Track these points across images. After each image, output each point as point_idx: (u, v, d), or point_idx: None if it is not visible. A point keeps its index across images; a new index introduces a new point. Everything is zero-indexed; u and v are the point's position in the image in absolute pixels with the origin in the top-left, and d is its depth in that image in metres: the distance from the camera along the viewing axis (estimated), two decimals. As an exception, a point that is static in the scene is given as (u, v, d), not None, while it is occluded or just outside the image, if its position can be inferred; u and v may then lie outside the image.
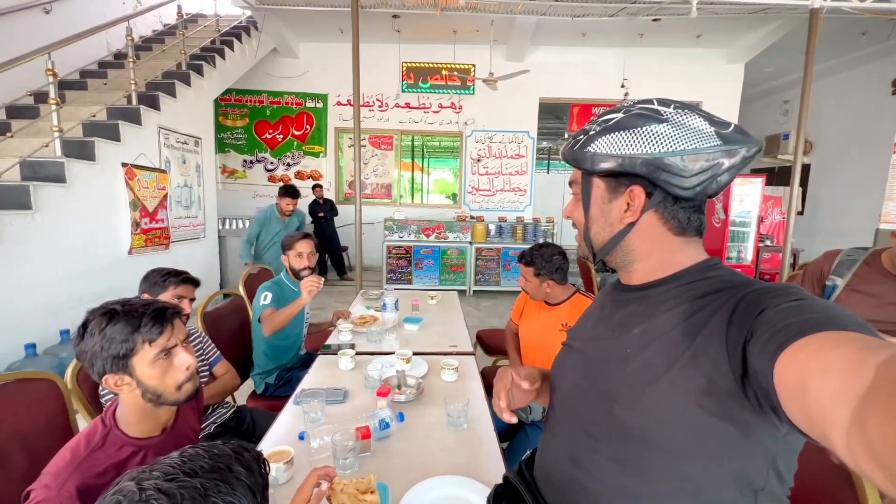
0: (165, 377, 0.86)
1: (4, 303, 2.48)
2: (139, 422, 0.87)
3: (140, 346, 0.83)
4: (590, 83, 6.73)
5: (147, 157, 3.84)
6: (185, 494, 0.46)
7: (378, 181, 7.15)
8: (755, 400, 0.45)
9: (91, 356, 0.82)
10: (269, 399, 2.00)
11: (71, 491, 0.73)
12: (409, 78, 6.75)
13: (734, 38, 6.14)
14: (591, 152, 0.59)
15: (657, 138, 0.55)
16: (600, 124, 0.59)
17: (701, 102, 6.78)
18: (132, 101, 3.81)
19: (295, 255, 2.10)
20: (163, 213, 4.03)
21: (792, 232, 4.02)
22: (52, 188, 2.89)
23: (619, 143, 0.57)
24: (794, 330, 0.40)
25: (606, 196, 0.62)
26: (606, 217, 0.63)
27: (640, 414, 0.55)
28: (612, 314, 0.66)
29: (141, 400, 0.85)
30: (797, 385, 0.38)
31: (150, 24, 5.77)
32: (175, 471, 0.48)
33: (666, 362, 0.53)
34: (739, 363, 0.46)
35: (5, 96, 3.65)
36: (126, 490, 0.46)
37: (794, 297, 0.46)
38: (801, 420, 0.39)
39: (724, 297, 0.52)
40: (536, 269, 1.74)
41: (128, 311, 0.84)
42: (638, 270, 0.64)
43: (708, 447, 0.50)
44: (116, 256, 3.46)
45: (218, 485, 0.49)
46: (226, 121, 6.84)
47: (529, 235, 5.87)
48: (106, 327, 0.82)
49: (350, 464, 1.10)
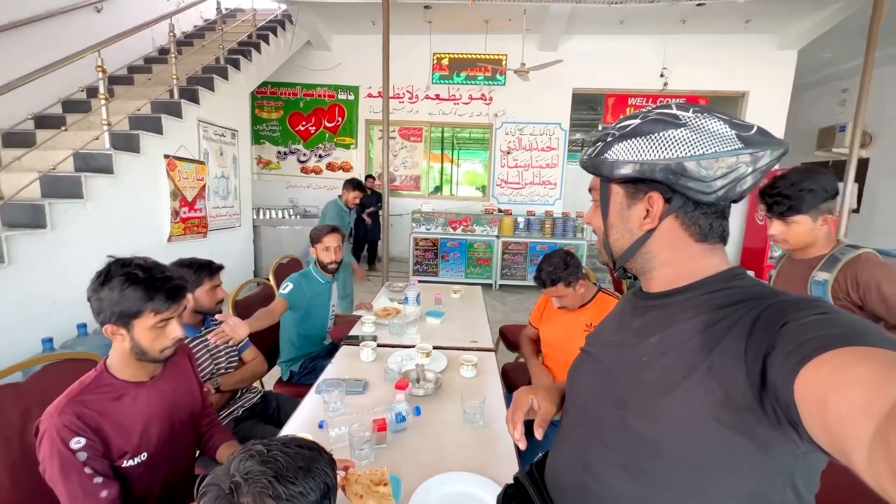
0: (155, 342, 0.99)
1: (58, 286, 2.68)
2: (125, 367, 1.02)
3: (146, 313, 0.96)
4: (627, 73, 6.47)
5: (187, 148, 4.02)
6: (299, 456, 0.59)
7: (407, 173, 7.19)
8: (773, 415, 0.44)
9: (102, 305, 0.94)
10: (294, 386, 2.07)
11: (65, 418, 0.89)
12: (439, 69, 6.72)
13: (787, 22, 5.72)
14: (608, 159, 0.58)
15: (675, 143, 0.54)
16: (618, 131, 0.59)
17: (748, 92, 6.40)
18: (174, 96, 3.99)
19: (322, 249, 2.15)
20: (201, 203, 4.22)
21: (845, 231, 3.75)
22: (101, 178, 3.08)
23: (637, 149, 0.56)
24: (817, 344, 0.39)
25: (625, 202, 0.62)
26: (625, 223, 0.62)
27: (653, 423, 0.54)
28: (631, 321, 0.65)
29: (128, 351, 0.99)
30: (818, 400, 0.37)
31: (192, 20, 5.99)
32: (289, 443, 0.61)
33: (682, 372, 0.52)
34: (758, 376, 0.44)
35: (61, 91, 3.89)
36: (255, 449, 0.58)
37: (819, 311, 0.44)
38: (821, 437, 0.38)
39: (745, 309, 0.50)
40: (565, 280, 1.69)
41: (148, 280, 0.95)
42: (658, 277, 0.62)
43: (721, 460, 0.49)
44: (157, 244, 3.66)
45: (319, 456, 0.62)
46: (261, 113, 7.04)
47: (558, 230, 5.76)
48: (126, 288, 0.93)
49: (365, 455, 1.12)
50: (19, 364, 1.19)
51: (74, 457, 0.88)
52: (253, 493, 0.53)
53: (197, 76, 4.40)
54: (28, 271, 2.55)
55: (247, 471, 0.55)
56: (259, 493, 0.53)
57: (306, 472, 0.58)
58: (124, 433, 0.98)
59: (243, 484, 0.54)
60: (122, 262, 0.97)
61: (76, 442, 0.89)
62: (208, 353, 1.58)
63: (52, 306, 2.66)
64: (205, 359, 1.56)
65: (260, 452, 0.57)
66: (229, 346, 1.69)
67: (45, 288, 2.63)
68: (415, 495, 0.99)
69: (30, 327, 2.53)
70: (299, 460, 0.58)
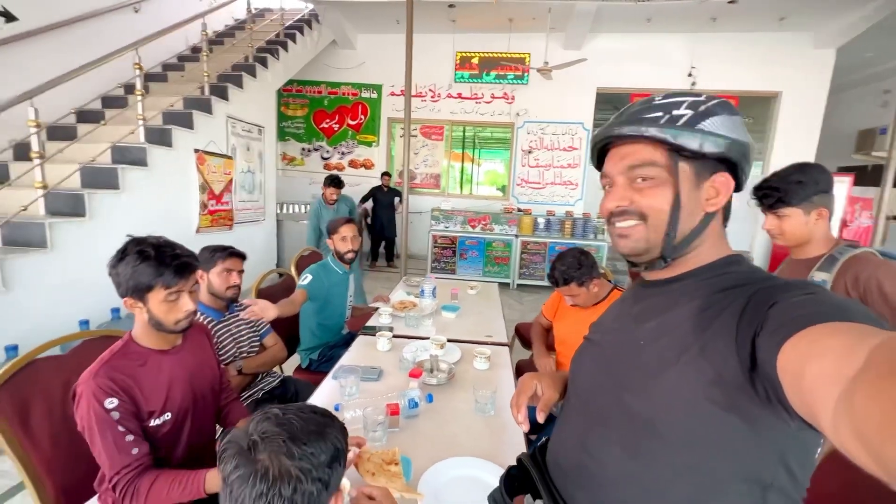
0: (168, 314, 1.07)
1: (94, 272, 2.83)
2: (147, 336, 1.11)
3: (157, 287, 1.04)
4: (653, 72, 6.34)
5: (216, 143, 4.16)
6: (312, 421, 0.63)
7: (427, 171, 7.23)
8: (763, 393, 0.45)
9: (119, 279, 1.03)
10: (312, 373, 2.13)
11: (100, 381, 0.98)
12: (462, 68, 6.74)
13: (826, 19, 5.49)
14: (703, 130, 0.54)
15: (742, 126, 0.56)
16: (690, 105, 0.55)
17: (781, 93, 6.18)
18: (205, 92, 4.14)
19: (339, 239, 2.20)
20: (228, 197, 4.36)
21: (881, 238, 3.59)
22: (135, 171, 3.23)
23: (725, 125, 0.55)
24: (800, 321, 0.40)
25: (694, 181, 0.57)
26: (694, 205, 0.57)
27: (648, 402, 0.55)
28: (632, 307, 0.67)
29: (147, 322, 1.08)
30: (795, 371, 0.38)
31: (223, 20, 6.18)
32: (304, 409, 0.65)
33: (676, 353, 0.54)
34: (748, 356, 0.46)
35: (101, 87, 4.09)
36: (272, 412, 0.62)
37: (807, 292, 0.45)
38: (798, 406, 0.39)
39: (739, 292, 0.52)
40: (578, 280, 1.69)
41: (158, 257, 1.03)
42: (677, 264, 0.61)
43: (713, 439, 0.50)
44: (186, 235, 3.80)
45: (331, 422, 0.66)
46: (287, 110, 7.21)
47: (578, 231, 5.70)
48: (139, 264, 1.02)
49: (378, 436, 1.16)
50: (60, 339, 1.27)
51: (109, 415, 0.96)
52: (269, 451, 0.57)
53: (227, 73, 4.55)
54: (68, 257, 2.70)
55: (263, 431, 0.59)
56: (274, 452, 0.57)
57: (318, 434, 0.61)
58: (151, 394, 1.06)
59: (260, 443, 0.58)
60: (138, 241, 1.06)
61: (110, 402, 0.97)
62: (231, 337, 1.65)
63: (88, 290, 2.81)
64: (228, 342, 1.63)
65: (276, 416, 0.61)
66: (252, 331, 1.75)
67: (82, 273, 2.78)
68: (424, 476, 1.01)
69: (68, 309, 2.68)
70: (312, 424, 0.62)
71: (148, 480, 0.97)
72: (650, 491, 0.56)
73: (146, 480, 0.97)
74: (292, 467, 0.57)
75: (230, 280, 1.63)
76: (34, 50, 3.55)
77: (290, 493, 0.56)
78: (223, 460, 0.59)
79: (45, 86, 2.75)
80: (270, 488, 0.56)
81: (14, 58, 3.39)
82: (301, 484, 0.57)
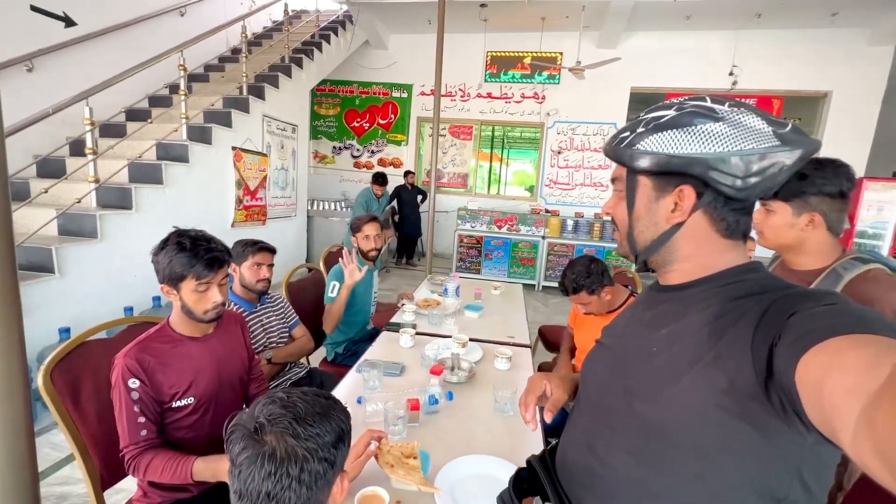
0: (198, 304, 1.15)
1: (139, 262, 3.00)
2: (181, 323, 1.19)
3: (189, 277, 1.11)
4: (691, 71, 6.12)
5: (252, 141, 4.33)
6: (316, 403, 0.64)
7: (455, 171, 7.26)
8: (779, 404, 0.44)
9: (158, 266, 1.12)
10: (337, 366, 2.19)
11: (129, 361, 1.07)
12: (492, 68, 6.71)
13: (882, 14, 5.15)
14: (639, 150, 0.57)
15: (713, 137, 0.53)
16: (650, 122, 0.58)
17: (830, 92, 5.84)
18: (243, 92, 4.31)
19: (363, 237, 2.25)
20: (262, 193, 4.52)
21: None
22: (178, 167, 3.40)
23: (672, 141, 0.55)
24: (820, 332, 0.40)
25: (653, 195, 0.60)
26: (652, 216, 0.61)
27: (659, 410, 0.55)
28: (644, 313, 0.66)
29: (180, 309, 1.16)
30: (815, 384, 0.38)
31: (262, 22, 6.41)
32: (307, 392, 0.66)
33: (689, 361, 0.53)
34: (764, 366, 0.45)
35: (148, 87, 4.32)
36: (277, 395, 0.64)
37: (829, 302, 0.44)
38: (816, 419, 0.39)
39: (755, 300, 0.51)
40: (588, 288, 1.67)
41: (193, 249, 1.11)
42: (677, 271, 0.62)
43: (724, 448, 0.49)
44: (222, 229, 3.97)
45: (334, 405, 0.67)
46: (320, 109, 7.40)
47: (607, 234, 5.58)
48: (175, 254, 1.10)
49: (398, 430, 1.18)
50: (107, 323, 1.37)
51: (129, 395, 1.06)
52: (275, 433, 0.59)
53: (264, 74, 4.72)
54: (116, 247, 2.89)
55: (269, 413, 0.60)
56: (280, 433, 0.59)
57: (323, 416, 0.63)
58: (176, 377, 1.14)
59: (266, 424, 0.59)
60: (180, 232, 1.14)
61: (133, 382, 1.07)
62: (262, 327, 1.72)
63: (133, 280, 2.99)
64: (259, 332, 1.70)
65: (281, 399, 0.63)
66: (281, 322, 1.83)
67: (128, 263, 2.96)
68: (442, 471, 1.03)
69: (114, 297, 2.86)
70: (317, 406, 0.63)
71: (147, 458, 1.06)
72: (658, 497, 0.55)
73: (146, 458, 1.06)
74: (298, 447, 0.58)
75: (260, 273, 1.69)
76: (90, 52, 3.80)
77: (297, 472, 0.58)
78: (231, 442, 0.60)
79: (99, 86, 2.95)
80: (278, 468, 0.57)
81: (73, 59, 3.64)
82: (308, 463, 0.59)
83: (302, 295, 2.28)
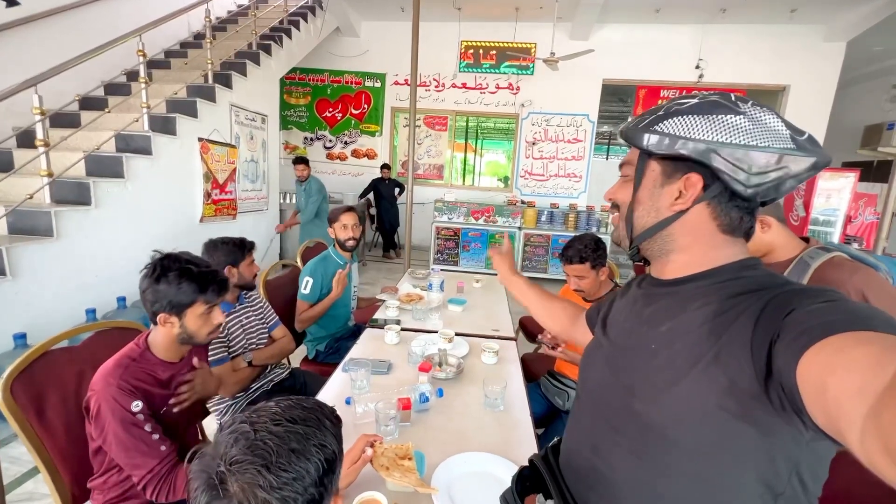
0: (203, 328, 1.12)
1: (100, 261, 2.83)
2: (167, 349, 1.14)
3: (198, 303, 1.08)
4: (660, 64, 6.27)
5: (220, 132, 4.13)
6: (290, 436, 0.54)
7: (431, 162, 7.20)
8: (778, 402, 0.44)
9: (158, 296, 1.05)
10: (319, 364, 2.14)
11: (116, 388, 1.00)
12: (467, 57, 6.65)
13: (837, 11, 5.42)
14: (656, 129, 0.57)
15: (731, 129, 0.53)
16: (671, 107, 0.57)
17: (789, 86, 6.13)
18: (208, 80, 4.09)
19: (340, 227, 2.21)
20: (231, 186, 4.34)
21: (886, 235, 3.59)
22: (140, 159, 3.21)
23: (690, 125, 0.55)
24: (820, 329, 0.39)
25: (660, 180, 0.60)
26: (654, 201, 0.61)
27: (659, 410, 0.55)
28: (643, 309, 0.65)
29: (174, 336, 1.11)
30: (818, 383, 0.37)
31: (226, 6, 6.09)
32: (279, 417, 0.56)
33: (689, 361, 0.53)
34: (764, 364, 0.45)
35: (104, 74, 4.04)
36: (241, 430, 0.53)
37: (827, 299, 0.44)
38: (820, 419, 0.39)
39: (754, 298, 0.50)
40: (592, 261, 1.68)
41: (202, 275, 1.08)
42: (672, 262, 0.62)
43: (725, 448, 0.50)
44: (190, 224, 3.79)
45: (314, 430, 0.57)
46: (290, 99, 7.15)
47: (582, 224, 5.69)
48: (182, 282, 1.05)
49: (390, 431, 1.17)
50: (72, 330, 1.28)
51: (135, 417, 1.00)
52: (240, 483, 0.49)
53: (230, 61, 4.49)
54: (74, 245, 2.70)
55: (232, 459, 0.50)
56: (248, 483, 0.49)
57: (299, 454, 0.53)
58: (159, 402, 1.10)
59: (228, 475, 0.50)
60: (173, 258, 1.08)
61: (135, 405, 1.01)
62: (241, 328, 1.66)
63: (94, 279, 2.81)
64: (238, 333, 1.64)
65: (246, 436, 0.52)
66: (261, 323, 1.76)
67: (88, 262, 2.78)
68: (437, 470, 1.02)
69: (75, 298, 2.68)
70: (291, 441, 0.53)
71: (183, 474, 0.99)
72: (662, 497, 0.56)
73: (182, 474, 1.00)
74: (273, 500, 0.50)
75: (254, 270, 1.71)
76: (37, 35, 3.51)
77: None
78: (195, 492, 0.51)
79: (49, 72, 2.72)
80: None
81: (16, 43, 3.35)
82: None
83: (280, 293, 2.21)
